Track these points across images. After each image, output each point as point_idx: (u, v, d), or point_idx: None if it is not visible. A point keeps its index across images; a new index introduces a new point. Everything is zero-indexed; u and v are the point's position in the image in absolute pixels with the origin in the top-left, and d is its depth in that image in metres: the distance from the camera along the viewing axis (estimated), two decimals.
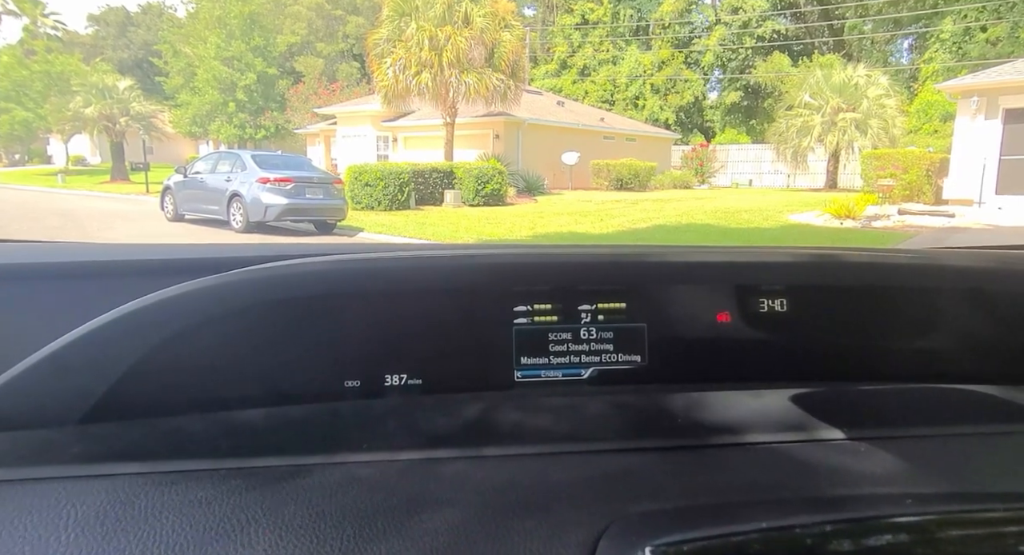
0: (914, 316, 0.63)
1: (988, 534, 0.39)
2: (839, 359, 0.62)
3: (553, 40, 32.04)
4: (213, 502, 0.41)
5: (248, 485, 0.43)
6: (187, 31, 24.18)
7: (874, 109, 16.16)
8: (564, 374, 0.60)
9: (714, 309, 0.62)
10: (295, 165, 9.57)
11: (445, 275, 0.59)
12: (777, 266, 0.64)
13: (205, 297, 0.52)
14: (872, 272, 0.64)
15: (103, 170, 22.28)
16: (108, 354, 0.50)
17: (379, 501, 0.41)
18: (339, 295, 0.56)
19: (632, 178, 17.38)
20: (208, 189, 9.40)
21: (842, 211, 9.92)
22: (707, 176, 21.28)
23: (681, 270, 0.63)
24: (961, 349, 0.64)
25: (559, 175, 17.62)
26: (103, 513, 0.39)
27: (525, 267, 0.62)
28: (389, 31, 14.54)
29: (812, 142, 16.70)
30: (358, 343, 0.56)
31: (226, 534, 0.38)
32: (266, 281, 0.54)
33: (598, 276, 0.62)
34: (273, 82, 23.31)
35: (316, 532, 0.38)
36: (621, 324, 0.61)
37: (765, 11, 27.74)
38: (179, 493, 0.42)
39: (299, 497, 0.42)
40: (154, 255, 0.66)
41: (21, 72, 22.49)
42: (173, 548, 0.36)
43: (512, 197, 13.75)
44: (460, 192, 12.79)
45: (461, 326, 0.58)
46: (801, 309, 0.62)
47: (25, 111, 22.45)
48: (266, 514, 0.40)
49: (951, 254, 0.70)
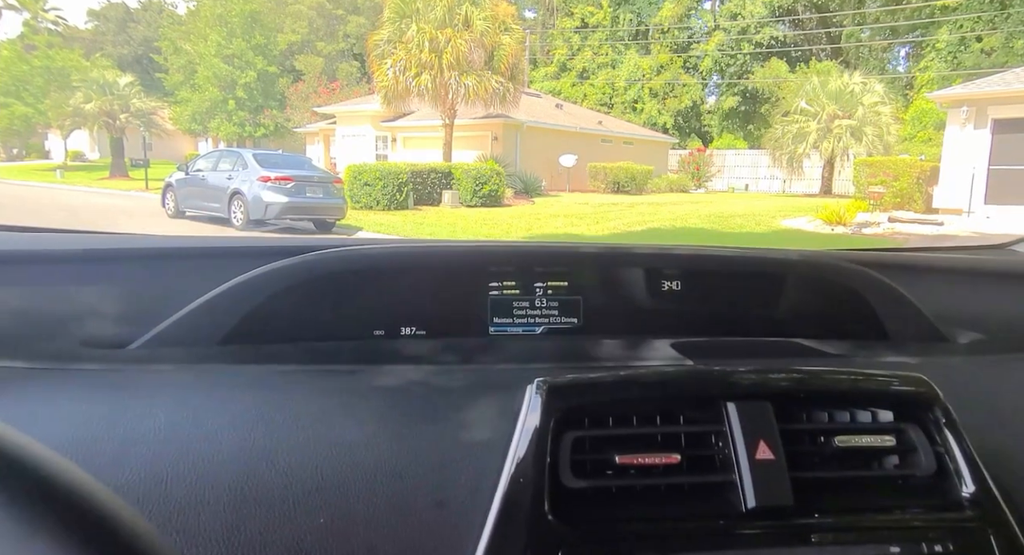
0: (762, 293, 0.89)
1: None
2: (712, 321, 0.87)
3: (553, 43, 32.18)
4: (298, 386, 0.67)
5: (321, 379, 0.69)
6: (188, 28, 24.22)
7: (869, 116, 16.33)
8: (523, 330, 0.85)
9: (630, 287, 0.87)
10: (296, 164, 9.68)
11: (444, 259, 0.86)
12: (674, 258, 0.90)
13: (292, 271, 0.78)
14: (738, 264, 0.90)
15: (102, 166, 22.28)
16: (235, 304, 0.76)
17: (405, 390, 0.67)
18: (375, 270, 0.82)
19: (629, 181, 17.51)
20: (209, 187, 9.50)
21: (833, 218, 10.07)
22: (704, 180, 21.43)
23: (607, 260, 0.89)
24: (789, 315, 0.89)
25: (557, 177, 17.74)
26: (233, 388, 0.65)
27: (498, 255, 0.87)
28: (390, 32, 14.65)
29: (808, 148, 16.86)
30: (384, 305, 0.82)
31: (303, 399, 0.63)
32: (331, 260, 0.80)
33: (548, 263, 0.86)
34: (273, 80, 23.38)
35: (373, 407, 0.62)
36: (564, 296, 0.85)
37: (764, 18, 27.92)
38: (275, 380, 0.68)
39: (352, 389, 0.67)
40: (221, 243, 0.92)
41: (21, 67, 22.47)
42: (273, 409, 0.59)
43: (510, 198, 13.87)
44: (458, 193, 12.91)
45: (453, 295, 0.83)
46: (690, 287, 0.87)
47: (25, 106, 22.43)
48: (338, 398, 0.63)
49: (797, 252, 0.94)
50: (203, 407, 0.59)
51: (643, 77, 29.10)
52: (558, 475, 0.52)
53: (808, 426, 0.57)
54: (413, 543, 0.48)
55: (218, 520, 0.47)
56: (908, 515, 0.53)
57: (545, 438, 0.53)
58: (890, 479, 0.56)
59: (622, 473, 0.53)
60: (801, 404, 0.58)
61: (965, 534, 0.51)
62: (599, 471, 0.53)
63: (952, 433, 0.57)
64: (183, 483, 0.49)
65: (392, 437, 0.56)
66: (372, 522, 0.49)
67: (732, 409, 0.55)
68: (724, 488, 0.53)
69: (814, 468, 0.55)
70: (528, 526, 0.48)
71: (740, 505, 0.51)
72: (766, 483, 0.51)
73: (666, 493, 0.53)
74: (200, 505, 0.48)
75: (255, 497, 0.49)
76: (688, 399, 0.57)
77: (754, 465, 0.52)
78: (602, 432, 0.55)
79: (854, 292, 0.87)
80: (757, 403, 0.55)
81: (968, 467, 0.55)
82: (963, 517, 0.53)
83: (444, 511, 0.50)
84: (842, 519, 0.52)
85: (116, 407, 0.58)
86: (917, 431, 0.57)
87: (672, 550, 0.49)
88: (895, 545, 0.50)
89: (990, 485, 0.54)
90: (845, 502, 0.53)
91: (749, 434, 0.53)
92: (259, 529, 0.47)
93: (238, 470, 0.51)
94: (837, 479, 0.55)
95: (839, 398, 0.59)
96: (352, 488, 0.51)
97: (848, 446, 0.56)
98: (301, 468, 0.52)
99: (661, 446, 0.54)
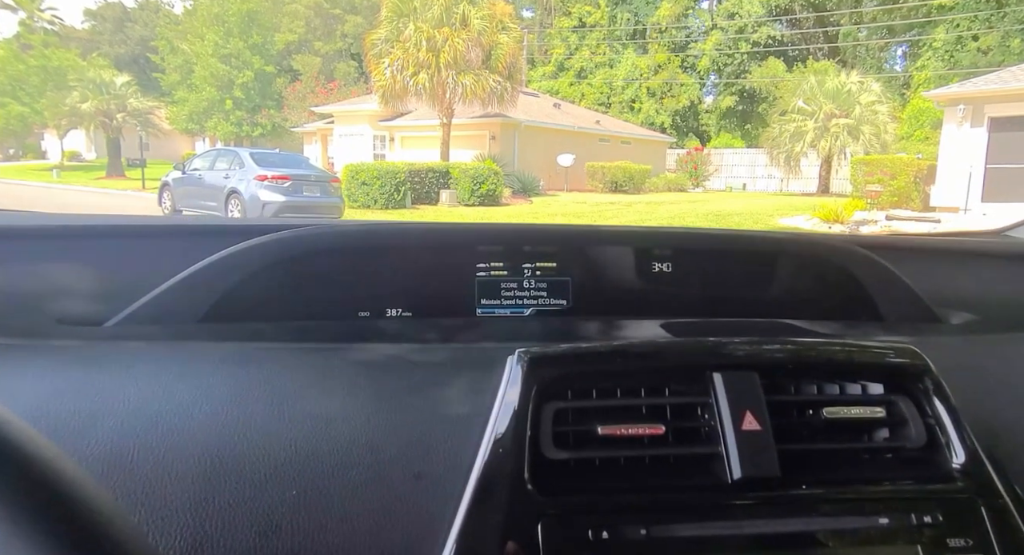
0: (754, 274, 0.87)
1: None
2: (703, 302, 0.86)
3: (550, 42, 32.19)
4: (275, 362, 0.64)
5: (300, 355, 0.67)
6: (184, 28, 24.19)
7: (866, 115, 16.34)
8: (511, 312, 0.83)
9: (620, 268, 0.85)
10: (293, 163, 9.67)
11: (430, 240, 0.83)
12: (665, 238, 0.88)
13: (270, 248, 0.76)
14: (729, 244, 0.89)
15: (98, 166, 22.24)
16: (214, 281, 0.74)
17: (384, 365, 0.65)
18: (358, 250, 0.79)
19: (627, 181, 17.51)
20: (206, 186, 9.48)
21: (830, 216, 10.08)
22: (701, 179, 21.44)
23: (596, 241, 0.87)
24: (782, 295, 0.88)
25: (555, 177, 17.73)
26: (212, 365, 0.62)
27: (485, 236, 0.84)
28: (387, 32, 14.64)
29: (805, 147, 16.87)
30: (369, 286, 0.79)
31: (280, 373, 0.61)
32: (309, 237, 0.78)
33: (536, 243, 0.84)
34: (271, 80, 23.35)
35: (352, 381, 0.60)
36: (552, 278, 0.83)
37: (761, 17, 27.96)
38: (252, 355, 0.65)
39: (331, 364, 0.64)
40: (200, 222, 0.89)
41: (17, 66, 22.42)
42: (248, 383, 0.58)
43: (508, 198, 13.86)
44: (456, 192, 12.90)
45: (440, 276, 0.81)
46: (681, 269, 0.85)
47: (21, 106, 22.38)
48: (316, 373, 0.61)
49: (789, 234, 0.92)
50: (176, 381, 0.57)
51: (641, 76, 29.12)
52: (539, 447, 0.51)
53: (796, 398, 0.56)
54: (389, 514, 0.47)
55: (186, 492, 0.46)
56: (898, 486, 0.52)
57: (526, 409, 0.51)
58: (880, 451, 0.55)
59: (606, 445, 0.52)
60: (789, 376, 0.57)
61: (954, 505, 0.50)
62: (582, 443, 0.52)
63: (943, 404, 0.55)
64: (152, 455, 0.48)
65: (370, 411, 0.55)
66: (347, 494, 0.47)
67: (718, 379, 0.54)
68: (710, 459, 0.52)
69: (803, 440, 0.54)
70: (507, 497, 0.47)
71: (726, 476, 0.50)
72: (752, 454, 0.50)
73: (650, 465, 0.52)
74: (168, 477, 0.47)
75: (225, 469, 0.48)
76: (673, 370, 0.56)
77: (740, 436, 0.51)
78: (585, 404, 0.53)
79: (847, 272, 0.86)
80: (743, 373, 0.54)
81: (959, 438, 0.54)
82: (953, 488, 0.51)
83: (422, 483, 0.49)
84: (830, 491, 0.51)
85: (87, 381, 0.56)
86: (908, 403, 0.56)
87: (656, 521, 0.48)
88: (884, 516, 0.49)
89: (981, 456, 0.53)
90: (834, 474, 0.52)
91: (735, 405, 0.52)
92: (229, 501, 0.46)
93: (209, 442, 0.50)
94: (827, 451, 0.54)
95: (828, 370, 0.58)
96: (327, 460, 0.49)
97: (837, 418, 0.55)
98: (274, 440, 0.51)
99: (646, 418, 0.53)
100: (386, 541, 0.46)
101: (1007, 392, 0.67)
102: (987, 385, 0.68)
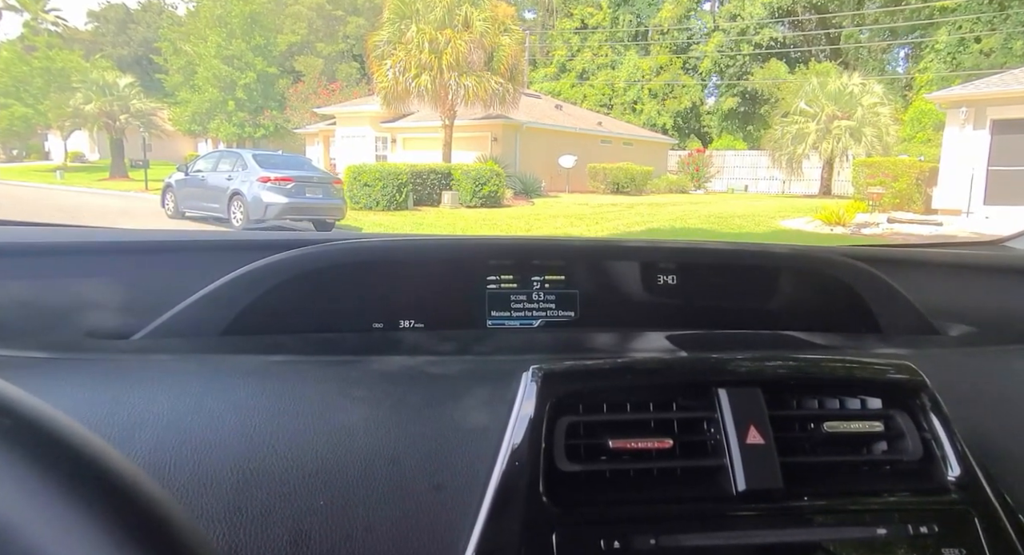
0: (757, 287, 0.90)
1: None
2: (707, 314, 0.88)
3: (552, 44, 32.22)
4: (297, 374, 0.67)
5: (320, 368, 0.69)
6: (187, 29, 24.24)
7: (868, 117, 16.34)
8: (520, 323, 0.85)
9: (626, 281, 0.87)
10: (295, 165, 9.70)
11: (442, 254, 0.86)
12: (670, 252, 0.90)
13: (292, 263, 0.79)
14: (733, 258, 0.90)
15: (102, 167, 22.30)
16: (236, 296, 0.77)
17: (402, 378, 0.67)
18: (373, 263, 0.82)
19: (628, 182, 17.53)
20: (209, 187, 9.51)
21: (832, 218, 10.08)
22: (703, 181, 21.44)
23: (603, 254, 0.89)
24: (783, 308, 0.90)
25: (556, 178, 17.75)
26: (234, 376, 0.65)
27: (496, 249, 0.87)
28: (389, 33, 14.67)
29: (807, 149, 16.87)
30: (383, 299, 0.82)
31: (303, 386, 0.63)
32: (330, 253, 0.80)
33: (545, 257, 0.86)
34: (273, 81, 23.39)
35: (371, 389, 0.62)
36: (561, 290, 0.86)
37: (763, 19, 27.95)
38: (276, 368, 0.68)
39: (351, 377, 0.66)
40: (222, 238, 0.92)
41: (21, 68, 22.47)
42: (273, 396, 0.60)
43: (509, 199, 13.89)
44: (458, 193, 12.92)
45: (451, 289, 0.84)
46: (685, 281, 0.88)
47: (25, 107, 22.42)
48: (338, 386, 0.63)
49: (790, 247, 0.94)
50: (205, 394, 0.60)
51: (642, 78, 29.13)
52: (553, 459, 0.53)
53: (798, 412, 0.58)
54: (411, 523, 0.49)
55: (220, 501, 0.48)
56: (895, 498, 0.54)
57: (540, 423, 0.54)
58: (878, 464, 0.57)
59: (616, 458, 0.55)
60: (791, 391, 0.59)
61: (950, 516, 0.52)
62: (593, 456, 0.55)
63: (939, 419, 0.58)
64: (187, 466, 0.51)
65: (391, 423, 0.57)
66: (370, 504, 0.50)
67: (723, 395, 0.56)
68: (715, 472, 0.54)
69: (804, 453, 0.56)
70: (523, 508, 0.50)
71: (731, 488, 0.52)
72: (756, 467, 0.52)
73: (659, 477, 0.54)
74: (203, 487, 0.49)
75: (256, 479, 0.50)
76: (681, 386, 0.59)
77: (744, 449, 0.53)
78: (596, 418, 0.56)
79: (847, 286, 0.88)
80: (748, 389, 0.56)
81: (954, 452, 0.56)
82: (948, 500, 0.54)
83: (441, 493, 0.51)
84: (831, 502, 0.53)
85: (119, 394, 0.59)
86: (905, 417, 0.58)
87: (664, 531, 0.50)
88: (882, 527, 0.51)
89: (975, 469, 0.55)
90: (834, 486, 0.55)
91: (740, 419, 0.55)
92: (260, 510, 0.48)
93: (239, 454, 0.52)
94: (827, 464, 0.56)
95: (829, 386, 0.60)
96: (351, 471, 0.52)
97: (837, 431, 0.57)
98: (301, 452, 0.53)
99: (654, 432, 0.55)
100: (409, 551, 0.48)
101: (1004, 404, 0.70)
102: (984, 397, 0.70)
